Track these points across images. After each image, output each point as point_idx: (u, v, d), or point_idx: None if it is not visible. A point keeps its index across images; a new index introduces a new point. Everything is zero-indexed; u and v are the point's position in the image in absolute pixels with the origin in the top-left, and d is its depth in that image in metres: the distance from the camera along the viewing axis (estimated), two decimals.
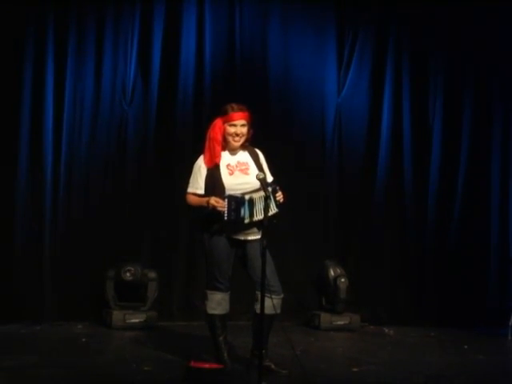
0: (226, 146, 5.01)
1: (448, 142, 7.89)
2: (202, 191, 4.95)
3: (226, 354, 4.98)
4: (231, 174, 4.96)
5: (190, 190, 5.01)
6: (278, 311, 5.00)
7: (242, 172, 4.97)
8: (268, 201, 4.60)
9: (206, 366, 4.60)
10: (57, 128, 6.94)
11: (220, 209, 4.76)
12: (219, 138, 4.96)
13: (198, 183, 4.97)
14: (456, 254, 7.81)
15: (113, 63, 7.17)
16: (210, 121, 7.25)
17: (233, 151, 5.03)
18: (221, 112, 5.03)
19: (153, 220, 7.26)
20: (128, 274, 6.72)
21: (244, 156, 5.06)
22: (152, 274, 6.87)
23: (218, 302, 4.97)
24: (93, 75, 7.10)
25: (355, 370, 5.24)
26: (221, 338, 5.01)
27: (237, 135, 4.96)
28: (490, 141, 7.95)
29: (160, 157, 7.32)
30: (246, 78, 7.50)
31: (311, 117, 7.74)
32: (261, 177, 4.67)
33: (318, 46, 7.75)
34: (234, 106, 5.01)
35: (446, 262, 7.80)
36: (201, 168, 4.98)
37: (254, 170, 4.98)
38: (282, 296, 5.03)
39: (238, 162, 5.01)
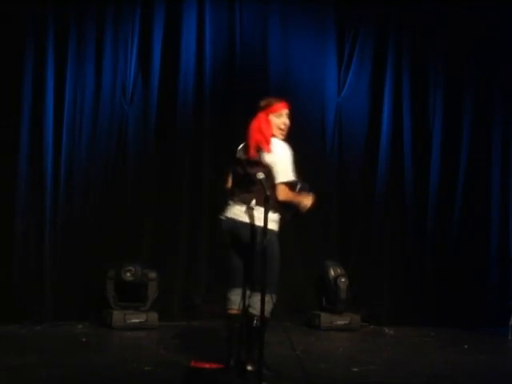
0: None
1: (448, 142, 7.90)
2: None
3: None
4: None
5: (286, 179, 4.61)
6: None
7: None
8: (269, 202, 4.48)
9: (206, 365, 4.58)
10: (57, 128, 6.92)
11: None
12: (271, 131, 4.73)
13: (291, 172, 4.64)
14: (456, 254, 7.82)
15: (113, 63, 7.17)
16: (210, 120, 7.39)
17: None
18: (261, 106, 4.83)
19: (153, 220, 7.26)
20: (128, 274, 6.71)
21: None
22: (152, 274, 6.86)
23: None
24: (93, 75, 7.10)
25: (355, 369, 5.23)
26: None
27: (284, 125, 4.79)
28: (490, 141, 7.96)
29: (160, 157, 7.31)
30: (245, 77, 7.50)
31: (311, 117, 7.74)
32: (261, 177, 4.57)
33: (318, 46, 7.76)
34: (275, 98, 4.86)
35: (446, 261, 7.81)
36: (290, 153, 4.63)
37: None
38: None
39: None
